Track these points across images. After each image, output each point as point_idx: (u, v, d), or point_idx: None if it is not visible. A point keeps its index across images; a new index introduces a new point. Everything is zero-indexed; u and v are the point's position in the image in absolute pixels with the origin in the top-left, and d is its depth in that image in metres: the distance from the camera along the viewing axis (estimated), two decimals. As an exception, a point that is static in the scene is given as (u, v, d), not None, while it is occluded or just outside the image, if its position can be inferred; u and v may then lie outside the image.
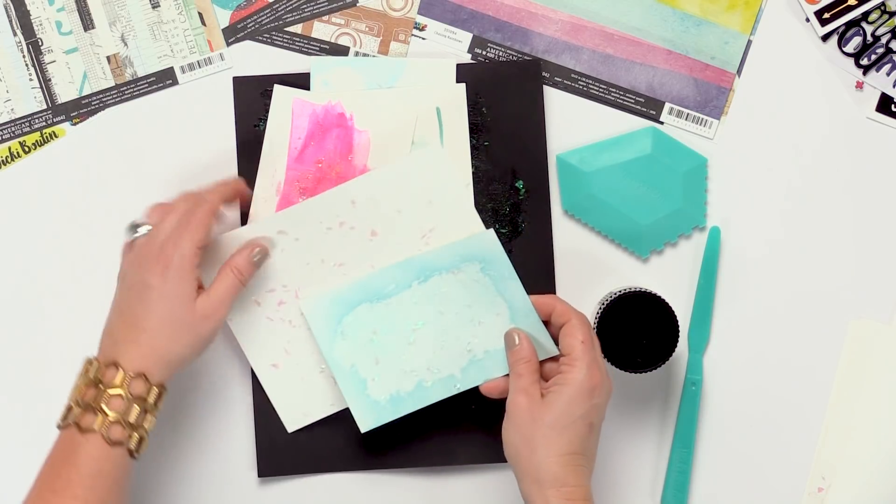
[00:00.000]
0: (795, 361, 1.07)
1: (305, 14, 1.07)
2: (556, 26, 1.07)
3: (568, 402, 0.90)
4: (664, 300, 0.99)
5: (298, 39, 1.07)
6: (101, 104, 1.07)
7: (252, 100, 1.06)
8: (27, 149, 1.06)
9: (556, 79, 1.07)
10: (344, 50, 1.07)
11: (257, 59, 1.07)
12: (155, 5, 1.06)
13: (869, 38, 1.07)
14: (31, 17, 1.06)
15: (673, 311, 0.98)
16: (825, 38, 1.08)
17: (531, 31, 1.07)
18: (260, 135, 1.05)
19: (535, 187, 1.06)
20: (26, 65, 1.06)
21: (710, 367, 1.07)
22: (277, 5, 1.07)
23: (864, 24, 1.07)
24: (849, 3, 1.07)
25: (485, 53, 1.07)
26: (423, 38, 1.07)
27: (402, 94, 1.05)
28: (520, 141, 1.06)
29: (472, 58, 1.07)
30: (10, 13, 1.06)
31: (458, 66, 1.06)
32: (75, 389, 0.89)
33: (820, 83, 1.08)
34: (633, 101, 1.07)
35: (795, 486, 1.06)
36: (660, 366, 0.99)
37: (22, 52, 1.06)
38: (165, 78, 1.07)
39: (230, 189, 0.99)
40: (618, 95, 1.07)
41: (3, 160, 1.06)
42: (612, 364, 0.99)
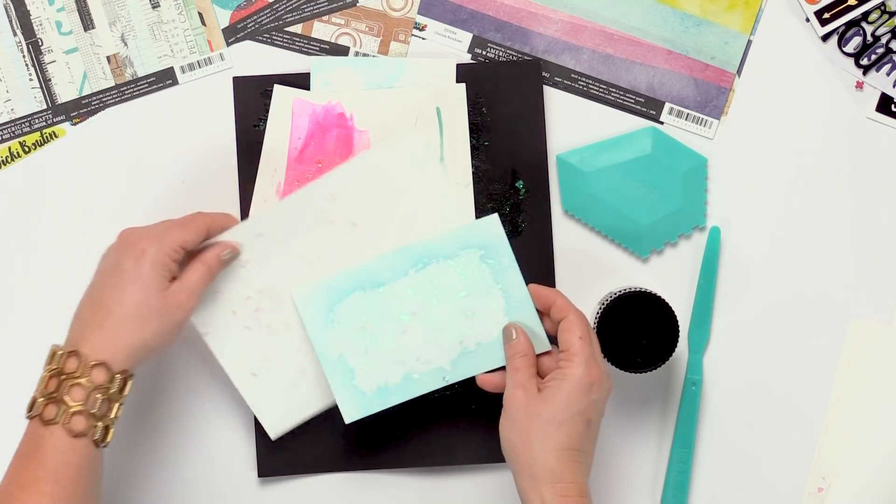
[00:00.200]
0: (795, 361, 1.07)
1: (305, 14, 1.07)
2: (556, 26, 1.07)
3: (566, 398, 0.90)
4: (664, 300, 0.99)
5: (298, 39, 1.07)
6: (101, 104, 1.07)
7: (252, 100, 1.06)
8: (27, 149, 1.06)
9: (556, 79, 1.07)
10: (344, 50, 1.07)
11: (257, 59, 1.07)
12: (155, 5, 1.06)
13: (869, 38, 1.07)
14: (31, 17, 1.06)
15: (673, 311, 0.98)
16: (825, 38, 1.08)
17: (531, 31, 1.07)
18: (260, 135, 1.05)
19: (535, 187, 1.06)
20: (26, 65, 1.06)
21: (710, 367, 1.07)
22: (277, 5, 1.07)
23: (864, 24, 1.07)
24: (849, 3, 1.07)
25: (485, 53, 1.07)
26: (423, 38, 1.07)
27: (402, 94, 1.05)
28: (520, 141, 1.06)
29: (472, 58, 1.07)
30: (10, 13, 1.06)
31: (458, 66, 1.06)
32: (41, 380, 0.89)
33: (820, 83, 1.08)
34: (633, 101, 1.07)
35: (795, 486, 1.06)
36: (660, 366, 0.99)
37: (22, 52, 1.06)
38: (165, 78, 1.07)
39: (228, 219, 0.99)
40: (618, 95, 1.07)
41: (3, 160, 1.06)
42: (612, 364, 0.99)
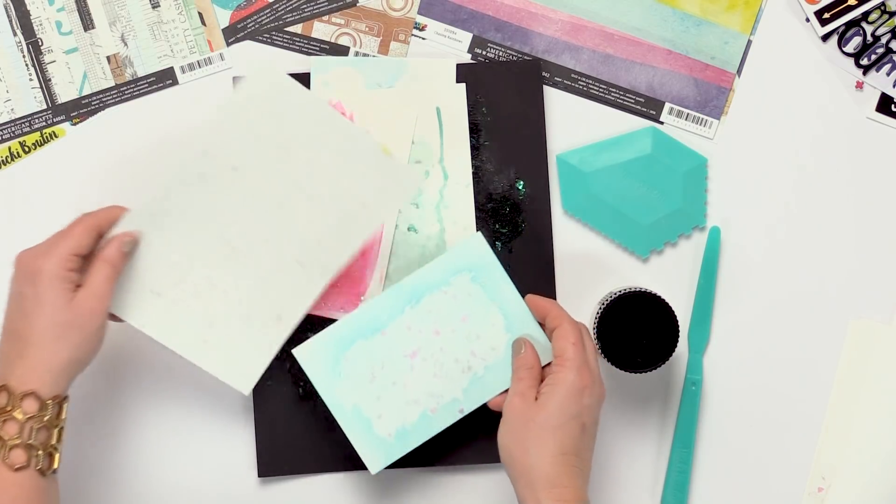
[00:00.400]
0: (795, 361, 1.07)
1: (305, 14, 1.07)
2: (556, 26, 1.07)
3: (559, 402, 0.90)
4: (664, 300, 0.99)
5: (298, 39, 1.07)
6: (101, 104, 1.07)
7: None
8: (27, 149, 1.06)
9: (556, 79, 1.07)
10: (344, 50, 1.07)
11: (257, 59, 1.07)
12: (155, 5, 1.06)
13: (869, 38, 1.07)
14: (31, 17, 1.06)
15: (673, 311, 0.98)
16: (825, 38, 1.08)
17: (531, 31, 1.07)
18: (260, 135, 1.05)
19: (535, 187, 1.06)
20: (26, 65, 1.06)
21: (710, 367, 1.07)
22: (277, 5, 1.07)
23: (864, 24, 1.07)
24: (849, 3, 1.07)
25: (485, 53, 1.07)
26: (423, 38, 1.07)
27: (402, 94, 1.05)
28: (520, 141, 1.06)
29: (472, 58, 1.07)
30: (10, 13, 1.06)
31: (458, 66, 1.06)
32: None
33: (820, 83, 1.08)
34: (633, 101, 1.07)
35: (795, 486, 1.06)
36: (660, 366, 0.99)
37: (22, 52, 1.06)
38: (165, 78, 1.07)
39: (114, 211, 0.96)
40: (618, 95, 1.07)
41: (3, 160, 1.06)
42: (612, 364, 0.99)
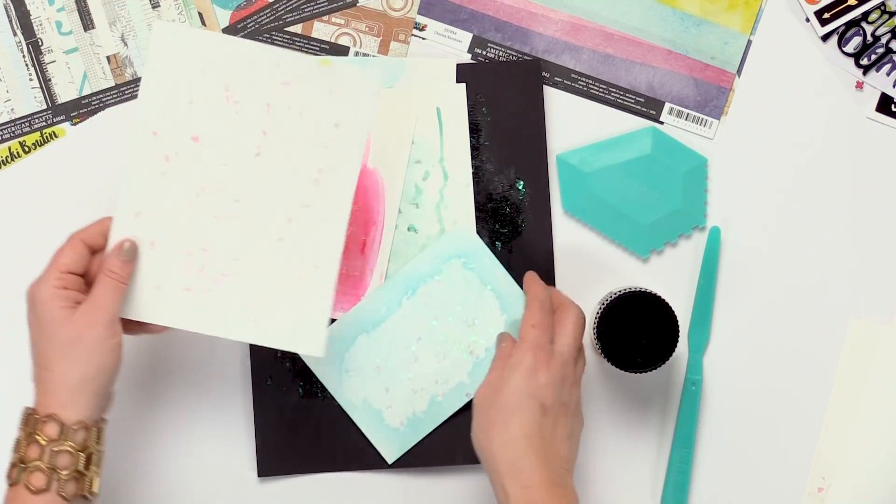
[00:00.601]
0: (795, 361, 1.07)
1: (305, 14, 1.07)
2: (556, 26, 1.07)
3: (514, 382, 0.89)
4: (664, 300, 0.99)
5: (298, 39, 1.07)
6: (101, 104, 1.07)
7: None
8: (27, 149, 1.06)
9: (556, 79, 1.07)
10: (344, 50, 1.07)
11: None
12: (155, 5, 1.06)
13: (869, 38, 1.07)
14: (31, 17, 1.06)
15: (673, 312, 0.98)
16: (825, 38, 1.08)
17: (531, 31, 1.07)
18: (260, 135, 1.05)
19: (535, 187, 1.06)
20: (26, 65, 1.06)
21: (710, 367, 1.07)
22: (277, 5, 1.07)
23: (864, 24, 1.07)
24: (849, 3, 1.07)
25: (485, 53, 1.07)
26: (423, 38, 1.07)
27: (401, 94, 1.05)
28: (520, 141, 1.06)
29: (472, 58, 1.07)
30: (10, 13, 1.06)
31: (458, 66, 1.06)
32: (14, 442, 0.89)
33: (820, 83, 1.08)
34: (633, 101, 1.07)
35: (795, 486, 1.06)
36: (660, 366, 0.99)
37: (22, 52, 1.06)
38: (165, 78, 1.07)
39: (104, 223, 0.94)
40: (618, 95, 1.07)
41: (3, 160, 1.06)
42: (613, 364, 0.99)
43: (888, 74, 1.07)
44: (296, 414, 1.05)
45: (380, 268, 1.05)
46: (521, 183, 1.06)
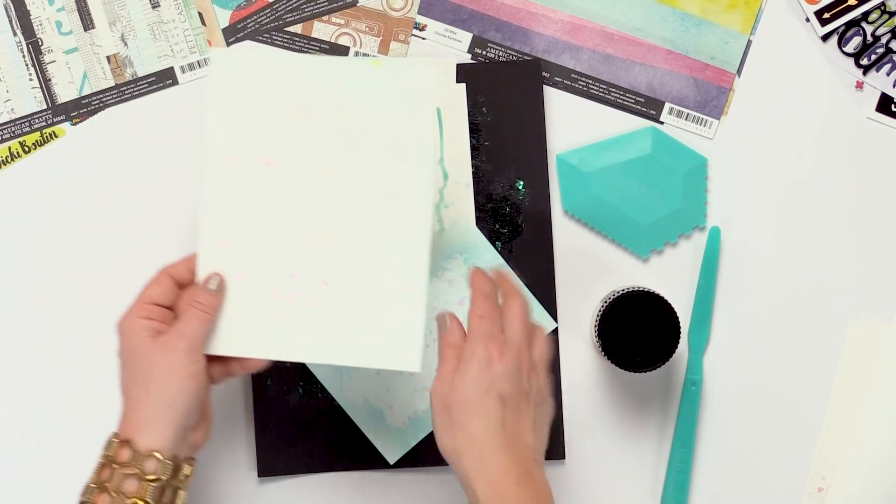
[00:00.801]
0: (795, 361, 1.07)
1: (305, 14, 1.07)
2: (556, 26, 1.07)
3: (470, 378, 0.85)
4: (666, 300, 0.99)
5: (298, 39, 1.07)
6: (101, 104, 1.07)
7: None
8: (27, 149, 1.06)
9: (556, 79, 1.07)
10: (344, 50, 1.07)
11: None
12: (155, 5, 1.06)
13: (869, 38, 1.07)
14: (31, 17, 1.06)
15: (674, 312, 0.98)
16: (825, 38, 1.08)
17: (531, 31, 1.07)
18: (260, 135, 1.05)
19: (535, 187, 1.06)
20: (26, 65, 1.06)
21: (710, 367, 1.07)
22: (277, 5, 1.07)
23: (864, 24, 1.07)
24: (849, 3, 1.07)
25: (485, 53, 1.07)
26: (423, 38, 1.07)
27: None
28: (520, 141, 1.06)
29: (472, 58, 1.07)
30: (10, 13, 1.06)
31: (458, 66, 1.06)
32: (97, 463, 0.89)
33: (820, 83, 1.08)
34: (633, 101, 1.07)
35: (795, 486, 1.06)
36: (660, 366, 0.99)
37: (22, 52, 1.06)
38: (165, 78, 1.07)
39: (187, 261, 0.93)
40: (618, 95, 1.07)
41: (3, 160, 1.06)
42: (613, 363, 0.99)
43: (888, 74, 1.07)
44: (296, 414, 1.05)
45: (380, 268, 1.05)
46: (521, 183, 1.06)
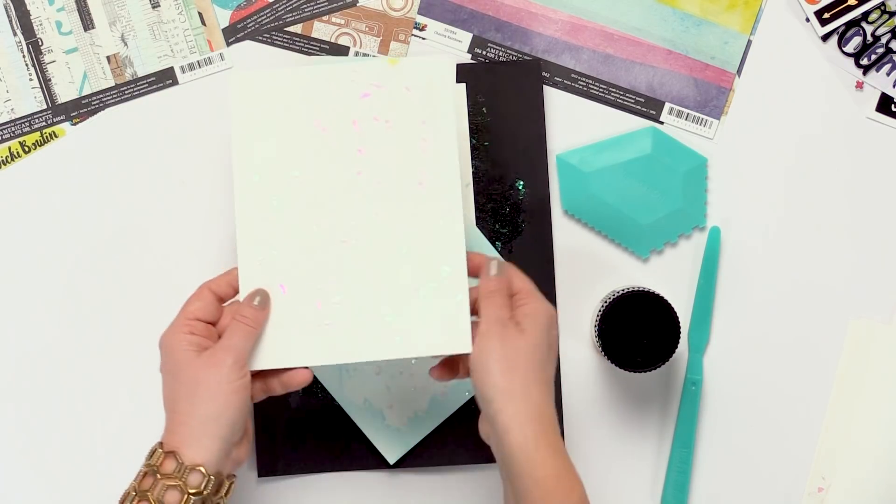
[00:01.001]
0: (795, 361, 1.07)
1: (305, 14, 1.07)
2: (556, 26, 1.07)
3: (542, 332, 0.88)
4: (666, 300, 0.99)
5: (298, 39, 1.07)
6: (101, 104, 1.07)
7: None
8: (27, 149, 1.06)
9: (556, 79, 1.07)
10: (344, 50, 1.07)
11: (257, 59, 1.07)
12: (155, 5, 1.06)
13: (869, 38, 1.07)
14: (31, 17, 1.06)
15: (675, 312, 0.98)
16: (825, 38, 1.08)
17: (531, 31, 1.07)
18: (260, 135, 1.05)
19: (535, 187, 1.06)
20: (26, 65, 1.06)
21: (710, 367, 1.07)
22: (277, 5, 1.07)
23: (864, 24, 1.07)
24: (849, 3, 1.07)
25: (485, 53, 1.07)
26: (423, 38, 1.07)
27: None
28: (520, 141, 1.06)
29: (472, 58, 1.07)
30: (10, 13, 1.06)
31: (458, 66, 1.06)
32: (138, 471, 0.89)
33: (820, 83, 1.08)
34: (633, 101, 1.07)
35: (795, 486, 1.06)
36: (660, 366, 0.99)
37: (22, 52, 1.06)
38: (165, 78, 1.07)
39: (228, 275, 0.94)
40: (618, 95, 1.07)
41: (3, 160, 1.06)
42: (613, 363, 0.99)
43: (888, 74, 1.07)
44: (296, 414, 1.05)
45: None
46: (521, 183, 1.06)
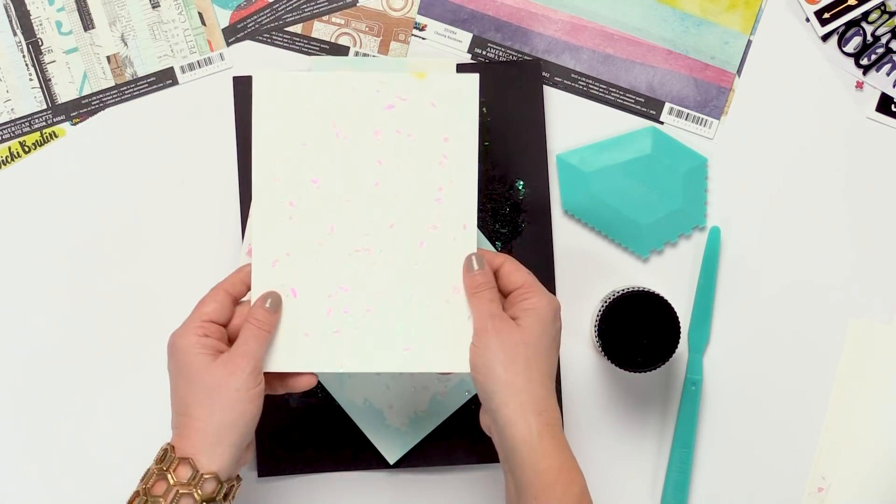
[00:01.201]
0: (795, 361, 1.07)
1: (305, 14, 1.07)
2: (556, 26, 1.07)
3: (544, 325, 0.88)
4: (666, 300, 0.99)
5: (298, 39, 1.07)
6: (101, 104, 1.07)
7: (252, 100, 1.06)
8: (27, 149, 1.06)
9: (556, 79, 1.07)
10: (344, 50, 1.07)
11: (257, 59, 1.07)
12: (155, 5, 1.06)
13: (869, 38, 1.07)
14: (31, 17, 1.06)
15: (675, 312, 0.98)
16: (825, 38, 1.08)
17: (531, 31, 1.07)
18: (260, 135, 1.05)
19: (535, 187, 1.06)
20: (26, 65, 1.06)
21: (710, 367, 1.07)
22: (277, 5, 1.07)
23: (864, 24, 1.07)
24: (849, 3, 1.07)
25: (485, 53, 1.07)
26: (423, 38, 1.07)
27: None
28: (520, 141, 1.06)
29: (472, 58, 1.07)
30: (10, 13, 1.06)
31: (458, 67, 1.06)
32: (145, 472, 0.88)
33: (820, 83, 1.08)
34: (633, 101, 1.07)
35: (795, 485, 1.06)
36: (660, 366, 0.99)
37: (22, 52, 1.06)
38: (165, 78, 1.07)
39: (240, 273, 0.94)
40: (618, 95, 1.07)
41: (3, 160, 1.06)
42: (613, 363, 0.99)
43: (888, 74, 1.07)
44: (296, 414, 1.05)
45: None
46: (521, 183, 1.06)
